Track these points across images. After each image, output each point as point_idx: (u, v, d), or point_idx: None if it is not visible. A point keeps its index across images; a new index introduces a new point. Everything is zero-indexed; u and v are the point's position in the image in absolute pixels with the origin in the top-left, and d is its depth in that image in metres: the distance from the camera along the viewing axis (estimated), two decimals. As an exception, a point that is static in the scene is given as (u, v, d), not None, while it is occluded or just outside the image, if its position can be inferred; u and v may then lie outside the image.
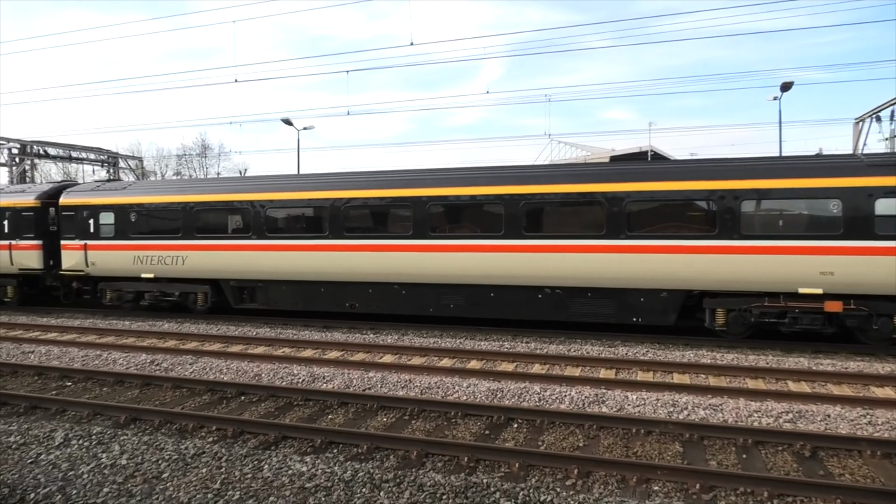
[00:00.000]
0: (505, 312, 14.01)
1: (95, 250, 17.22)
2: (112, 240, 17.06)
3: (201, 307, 16.55)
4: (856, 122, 25.82)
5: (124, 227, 16.95)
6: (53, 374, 11.01)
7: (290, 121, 37.10)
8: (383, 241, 14.55)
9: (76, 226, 17.48)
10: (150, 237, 16.73)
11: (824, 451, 7.06)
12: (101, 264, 17.20)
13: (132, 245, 16.83)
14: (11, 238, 18.27)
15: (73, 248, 17.53)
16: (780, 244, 11.79)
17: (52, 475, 6.56)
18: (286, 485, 6.24)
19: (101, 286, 17.56)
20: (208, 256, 16.04)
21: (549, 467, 6.63)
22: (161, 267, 16.53)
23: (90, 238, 17.28)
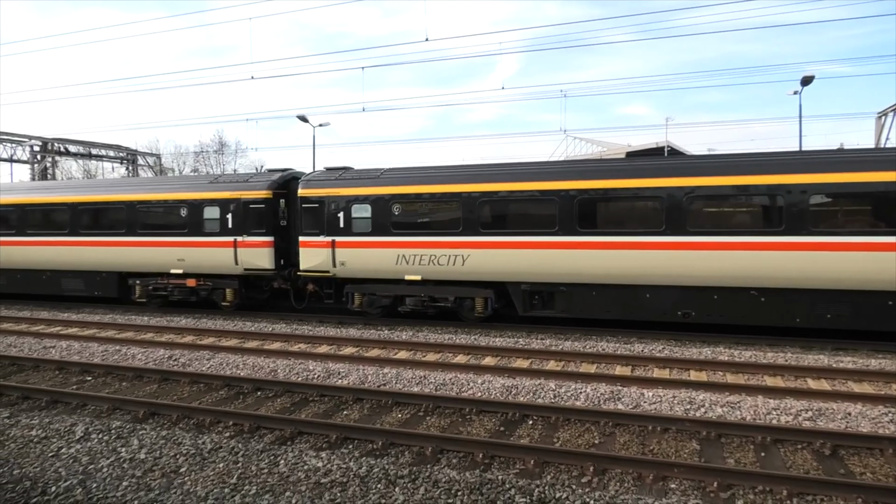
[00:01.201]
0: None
1: (346, 248, 14.90)
2: (368, 236, 14.72)
3: (479, 314, 14.27)
4: (878, 117, 25.37)
5: (384, 221, 14.57)
6: (74, 369, 11.18)
7: (306, 118, 37.25)
8: (744, 238, 12.03)
9: (322, 220, 15.16)
10: (419, 233, 14.36)
11: (845, 449, 6.96)
12: (352, 264, 14.87)
13: (395, 242, 14.46)
14: (236, 234, 15.96)
15: (316, 246, 15.23)
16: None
17: (72, 469, 6.66)
18: (302, 480, 6.28)
19: (348, 289, 15.31)
20: (497, 255, 13.65)
21: (565, 464, 6.60)
22: (432, 268, 14.17)
23: (340, 234, 14.94)
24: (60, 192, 18.91)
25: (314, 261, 15.31)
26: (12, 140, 34.82)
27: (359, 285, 15.25)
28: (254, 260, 15.89)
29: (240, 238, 15.95)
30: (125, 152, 40.29)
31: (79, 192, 18.50)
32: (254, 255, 15.89)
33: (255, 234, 15.87)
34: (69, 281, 18.30)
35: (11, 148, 34.88)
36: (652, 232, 12.60)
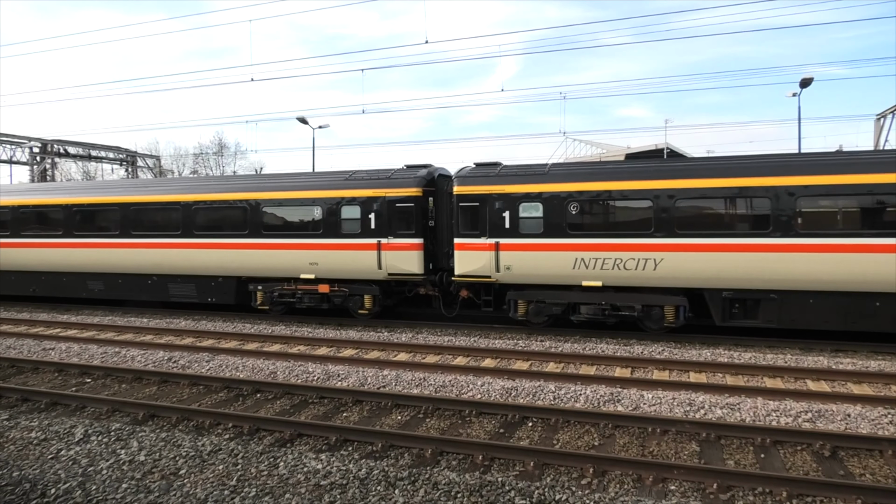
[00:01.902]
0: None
1: (513, 251, 13.54)
2: (540, 237, 13.37)
3: (669, 324, 12.90)
4: (877, 119, 25.42)
5: (559, 221, 13.24)
6: (73, 371, 11.17)
7: (306, 119, 37.28)
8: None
9: (483, 220, 13.83)
10: (601, 234, 13.02)
11: (844, 450, 6.97)
12: (520, 269, 13.53)
13: (572, 244, 13.11)
14: (380, 235, 14.64)
15: (475, 249, 13.88)
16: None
17: (72, 471, 6.65)
18: (301, 482, 6.27)
19: (511, 296, 13.99)
20: (696, 259, 12.31)
21: (565, 466, 6.60)
22: (616, 273, 12.82)
23: (505, 235, 13.62)
24: (172, 189, 17.35)
25: (473, 265, 13.94)
26: (12, 141, 34.82)
27: (523, 291, 13.90)
28: (400, 264, 14.50)
29: (384, 240, 14.58)
30: (125, 154, 40.31)
31: (193, 189, 16.98)
32: (400, 259, 14.51)
33: (403, 235, 14.54)
34: (178, 286, 16.92)
35: (11, 149, 34.87)
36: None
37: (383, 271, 14.67)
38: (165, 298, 17.25)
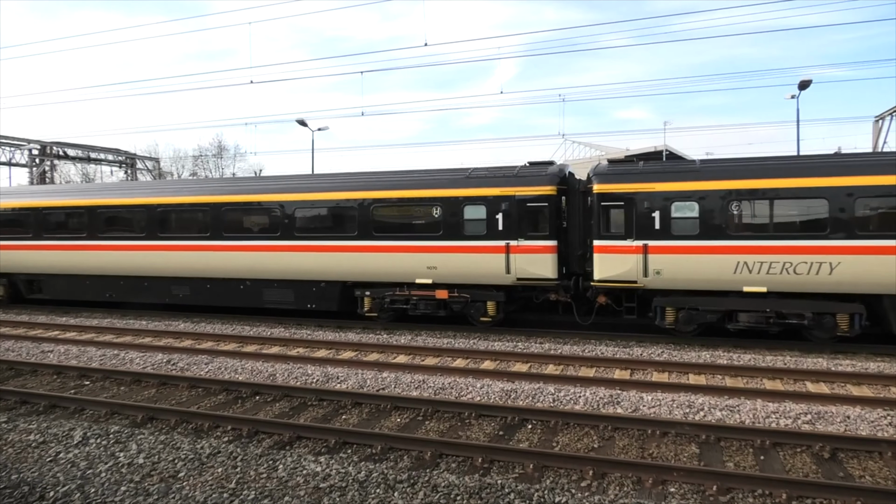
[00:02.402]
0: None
1: (664, 254, 12.53)
2: (695, 240, 12.37)
3: (843, 332, 11.92)
4: (876, 120, 25.48)
5: (719, 221, 12.24)
6: (72, 374, 11.15)
7: (305, 121, 37.30)
8: None
9: (629, 221, 12.83)
10: (768, 236, 11.99)
11: (844, 452, 6.96)
12: (672, 273, 12.52)
13: (733, 247, 12.07)
14: (509, 237, 13.63)
15: (620, 252, 12.84)
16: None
17: (70, 473, 6.63)
18: (301, 485, 6.26)
19: (658, 303, 12.95)
20: (877, 263, 11.32)
21: (564, 468, 6.59)
22: (783, 277, 11.83)
23: (654, 237, 12.60)
24: (271, 189, 16.11)
25: (616, 269, 12.88)
26: (11, 143, 34.80)
27: (672, 298, 12.89)
28: (532, 268, 13.49)
29: (513, 242, 13.57)
30: (124, 156, 40.30)
31: (295, 189, 15.78)
32: (532, 262, 13.47)
33: (534, 237, 13.55)
34: (274, 292, 15.88)
35: (10, 151, 34.87)
36: None
37: (512, 276, 13.67)
38: (259, 305, 16.20)
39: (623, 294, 13.34)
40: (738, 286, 12.19)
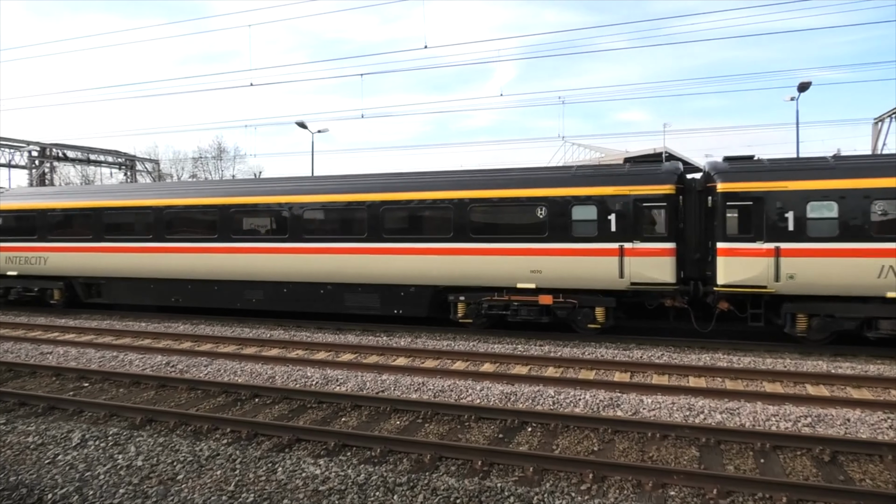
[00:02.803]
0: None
1: (798, 257, 11.83)
2: (834, 242, 11.68)
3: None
4: (875, 122, 25.51)
5: (860, 222, 11.58)
6: (71, 375, 11.13)
7: (305, 124, 37.31)
8: None
9: (759, 221, 12.10)
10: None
11: (844, 455, 6.95)
12: (807, 277, 11.81)
13: (877, 249, 11.46)
14: (623, 239, 12.82)
15: (748, 254, 12.10)
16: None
17: (69, 476, 6.62)
18: (300, 487, 6.24)
19: (788, 309, 12.22)
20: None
21: (564, 471, 6.58)
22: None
23: (787, 239, 11.91)
24: (355, 188, 15.24)
25: (744, 273, 12.12)
26: (11, 145, 34.81)
27: (803, 304, 12.13)
28: (648, 272, 12.68)
29: (628, 244, 12.77)
30: (124, 158, 40.31)
31: (383, 188, 14.95)
32: (649, 266, 12.67)
33: (651, 239, 12.76)
34: (358, 297, 15.05)
35: (10, 153, 34.88)
36: None
37: (625, 280, 12.85)
38: (339, 310, 15.32)
39: (748, 300, 12.51)
40: (881, 291, 11.51)
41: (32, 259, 18.36)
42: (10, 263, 18.72)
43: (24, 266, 18.51)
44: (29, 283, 18.70)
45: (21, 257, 18.52)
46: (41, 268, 18.30)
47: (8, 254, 18.72)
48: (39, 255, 18.26)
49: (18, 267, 18.61)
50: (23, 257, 18.48)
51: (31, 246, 18.37)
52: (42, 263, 18.24)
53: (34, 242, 18.32)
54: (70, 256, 17.93)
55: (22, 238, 18.54)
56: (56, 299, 18.54)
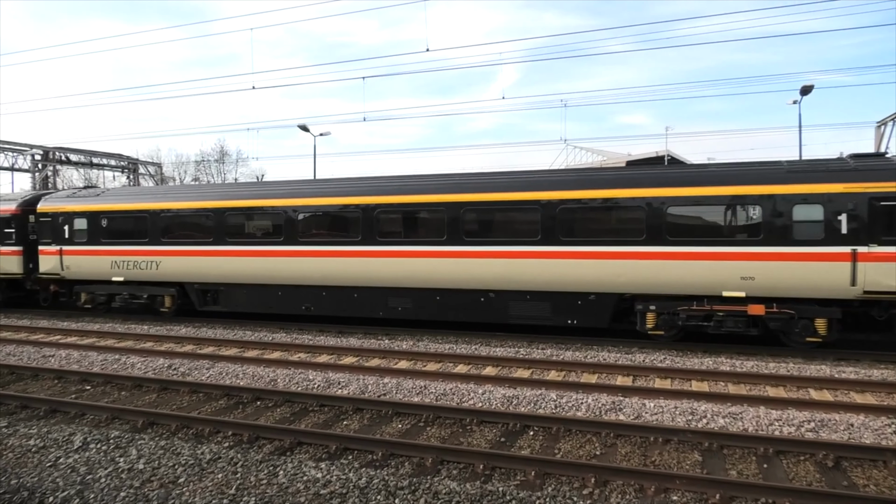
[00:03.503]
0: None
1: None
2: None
3: None
4: (878, 126, 25.47)
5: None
6: (73, 378, 11.14)
7: (307, 127, 37.37)
8: None
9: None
10: None
11: (848, 461, 6.92)
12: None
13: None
14: (856, 242, 11.55)
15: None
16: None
17: (70, 479, 6.61)
18: (301, 491, 6.23)
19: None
20: None
21: (566, 476, 6.56)
22: None
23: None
24: (528, 185, 13.86)
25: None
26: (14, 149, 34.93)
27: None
28: (888, 279, 11.37)
29: (862, 248, 11.41)
30: (126, 161, 40.41)
31: (558, 185, 13.61)
32: (888, 273, 11.36)
33: (890, 242, 11.43)
34: (527, 306, 13.71)
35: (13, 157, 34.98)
36: None
37: (857, 288, 11.50)
38: (502, 320, 14.10)
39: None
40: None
41: (142, 263, 17.01)
42: (117, 268, 17.36)
43: (133, 271, 17.18)
44: (138, 289, 17.43)
45: (129, 261, 17.19)
46: (152, 273, 16.96)
47: (114, 258, 17.39)
48: (151, 260, 16.93)
49: (126, 272, 17.26)
50: (131, 261, 17.16)
51: (141, 249, 17.07)
52: (154, 268, 16.91)
53: (145, 245, 17.03)
54: (186, 260, 16.62)
55: (131, 241, 17.26)
56: (167, 307, 17.35)
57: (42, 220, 18.61)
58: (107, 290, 17.84)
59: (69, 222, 18.11)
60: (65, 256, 18.09)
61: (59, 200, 18.90)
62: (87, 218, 17.90)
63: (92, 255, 17.78)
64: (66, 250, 18.07)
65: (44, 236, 18.48)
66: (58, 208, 18.45)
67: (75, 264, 17.95)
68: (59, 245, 18.16)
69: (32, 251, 18.77)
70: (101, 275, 17.65)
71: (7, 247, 19.07)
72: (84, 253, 17.87)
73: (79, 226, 18.00)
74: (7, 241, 19.07)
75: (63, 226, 18.16)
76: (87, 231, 17.87)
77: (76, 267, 17.95)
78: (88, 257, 17.83)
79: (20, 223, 19.09)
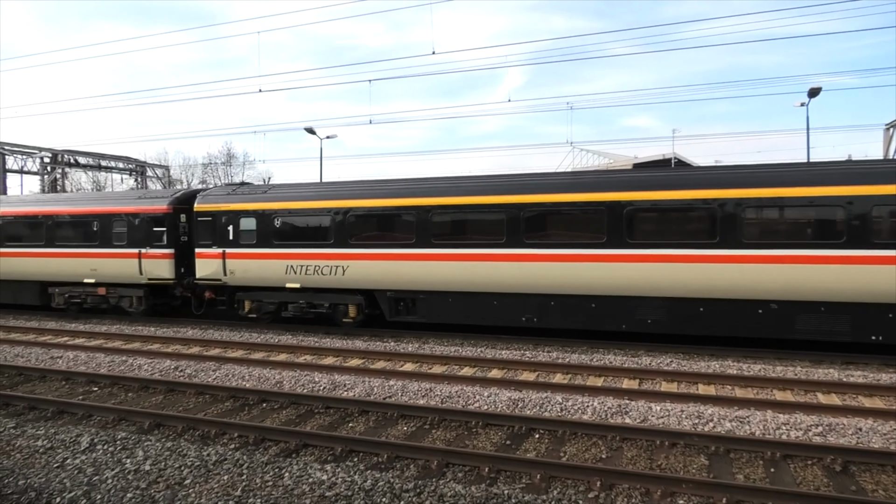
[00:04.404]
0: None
1: None
2: None
3: None
4: (886, 128, 25.33)
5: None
6: (80, 380, 11.19)
7: (314, 129, 37.46)
8: None
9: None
10: None
11: (856, 465, 6.87)
12: None
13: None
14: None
15: None
16: None
17: (77, 480, 6.64)
18: (306, 493, 6.23)
19: None
20: None
21: (572, 479, 6.54)
22: None
23: None
24: (842, 177, 11.68)
25: None
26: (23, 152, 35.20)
27: None
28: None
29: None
30: (134, 164, 40.64)
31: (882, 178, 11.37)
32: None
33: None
34: (818, 319, 11.71)
35: (22, 159, 35.26)
36: None
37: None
38: (782, 335, 12.07)
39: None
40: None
41: (325, 268, 15.04)
42: (292, 273, 15.37)
43: (312, 277, 15.17)
44: (316, 297, 15.51)
45: (308, 266, 15.22)
46: (336, 279, 14.94)
47: (290, 262, 15.40)
48: (336, 264, 14.93)
49: (303, 278, 15.26)
50: (311, 266, 15.20)
51: (324, 252, 15.05)
52: (339, 273, 14.89)
53: (329, 248, 15.02)
54: (380, 265, 14.60)
55: (311, 243, 15.29)
56: (351, 317, 15.34)
57: (200, 220, 16.50)
58: (278, 297, 15.86)
59: (234, 222, 16.04)
60: (229, 260, 16.06)
61: (222, 198, 16.70)
62: (257, 217, 15.82)
63: (263, 258, 15.72)
64: (230, 253, 16.06)
65: (202, 238, 16.43)
66: (220, 207, 16.34)
67: (241, 269, 15.95)
68: (221, 247, 16.12)
69: (183, 254, 16.99)
70: (273, 281, 15.61)
71: (157, 249, 16.96)
72: (253, 256, 15.82)
73: (246, 226, 15.93)
74: (156, 243, 16.96)
75: (227, 226, 16.10)
76: (255, 232, 15.80)
77: (242, 272, 15.95)
78: (258, 261, 15.77)
79: (172, 223, 17.05)
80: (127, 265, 17.24)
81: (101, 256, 17.63)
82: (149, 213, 17.19)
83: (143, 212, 17.26)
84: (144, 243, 17.08)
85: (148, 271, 17.05)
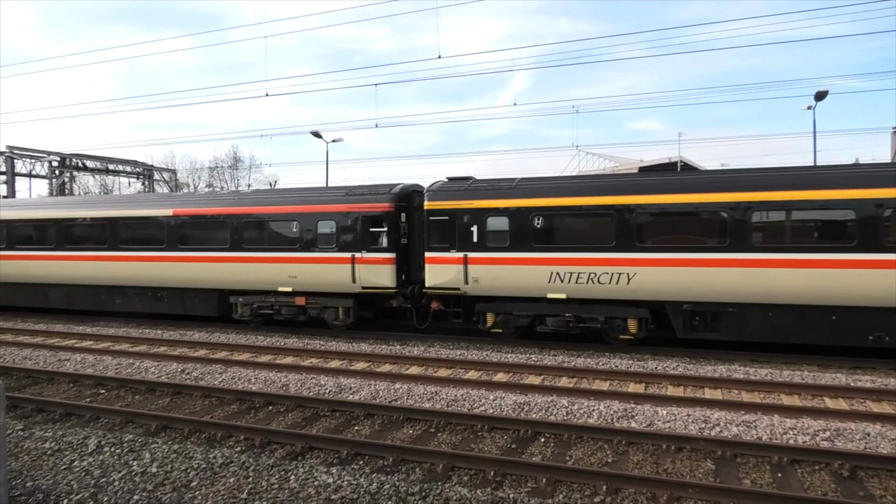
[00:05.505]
0: None
1: None
2: None
3: None
4: (894, 132, 25.20)
5: None
6: (88, 382, 11.25)
7: (320, 133, 37.57)
8: None
9: None
10: None
11: (864, 471, 6.83)
12: None
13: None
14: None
15: None
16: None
17: (84, 482, 6.67)
18: (312, 496, 6.25)
19: None
20: None
21: (577, 483, 6.53)
22: None
23: None
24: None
25: None
26: (32, 155, 35.47)
27: None
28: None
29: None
30: (141, 167, 40.88)
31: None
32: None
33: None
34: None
35: (31, 163, 35.53)
36: None
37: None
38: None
39: None
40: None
41: (603, 276, 12.81)
42: (558, 282, 13.19)
43: (583, 286, 13.03)
44: (586, 309, 13.32)
45: (580, 273, 13.03)
46: (618, 288, 12.77)
47: (555, 268, 13.22)
48: (618, 271, 12.72)
49: (570, 287, 13.10)
50: (584, 273, 12.99)
51: (603, 257, 12.86)
52: (622, 282, 12.71)
53: (610, 252, 12.80)
54: (678, 272, 12.37)
55: (586, 246, 13.10)
56: (631, 333, 13.08)
57: (433, 220, 14.38)
58: (533, 309, 13.80)
59: (479, 222, 13.92)
60: (471, 266, 13.95)
61: (462, 194, 14.36)
62: (510, 216, 13.68)
63: (518, 263, 13.57)
64: (473, 258, 13.94)
65: (435, 240, 14.35)
66: (461, 204, 14.16)
67: (489, 276, 13.83)
68: (462, 251, 14.03)
69: (402, 258, 15.14)
70: (530, 290, 13.57)
71: (375, 253, 14.85)
72: (505, 262, 13.68)
73: (495, 226, 13.83)
74: (374, 246, 14.86)
75: (470, 227, 13.97)
76: (509, 233, 13.69)
77: (490, 280, 13.85)
78: (512, 267, 13.63)
79: (392, 223, 14.95)
80: (337, 272, 15.10)
81: (304, 262, 15.43)
82: (365, 211, 15.01)
83: (358, 210, 15.08)
84: (359, 246, 14.99)
85: (363, 279, 14.91)
